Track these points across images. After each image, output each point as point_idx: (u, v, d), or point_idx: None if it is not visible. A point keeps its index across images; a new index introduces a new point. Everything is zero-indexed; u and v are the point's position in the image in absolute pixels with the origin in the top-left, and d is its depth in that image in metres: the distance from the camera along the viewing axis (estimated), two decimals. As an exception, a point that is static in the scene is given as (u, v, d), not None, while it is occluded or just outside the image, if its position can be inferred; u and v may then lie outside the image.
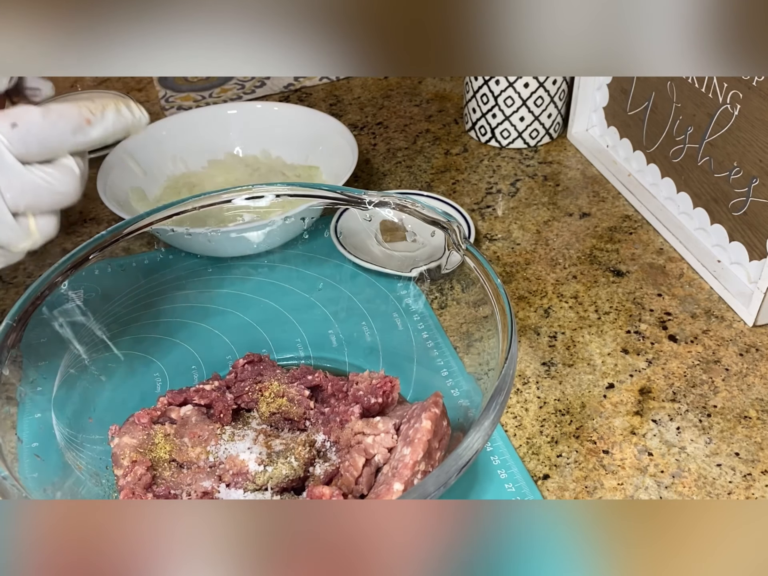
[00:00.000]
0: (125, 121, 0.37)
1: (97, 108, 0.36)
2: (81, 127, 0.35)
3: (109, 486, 0.48)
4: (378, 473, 0.46)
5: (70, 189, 0.36)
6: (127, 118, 0.37)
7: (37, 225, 0.37)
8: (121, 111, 0.37)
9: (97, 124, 0.36)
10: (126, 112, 0.37)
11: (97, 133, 0.36)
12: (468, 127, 0.89)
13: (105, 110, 0.36)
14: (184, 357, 0.57)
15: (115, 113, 0.37)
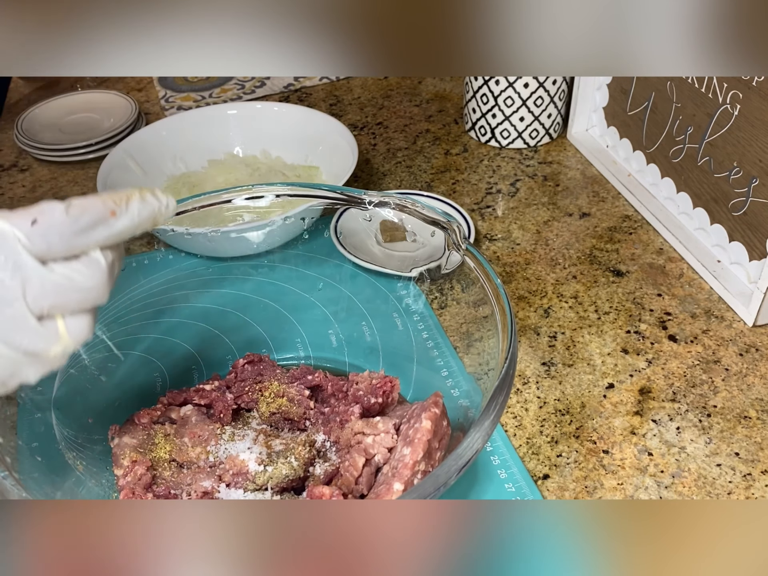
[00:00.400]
0: (151, 208, 0.36)
1: (121, 198, 0.35)
2: (106, 220, 0.34)
3: (109, 486, 0.48)
4: (378, 473, 0.46)
5: (97, 283, 0.34)
6: (153, 205, 0.36)
7: (67, 327, 0.34)
8: (146, 199, 0.36)
9: (123, 215, 0.35)
10: (151, 200, 0.36)
11: (124, 224, 0.35)
12: (468, 127, 0.89)
13: (130, 200, 0.35)
14: (184, 357, 0.57)
15: (140, 202, 0.35)
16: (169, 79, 1.07)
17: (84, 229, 0.33)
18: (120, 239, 0.35)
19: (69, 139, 0.89)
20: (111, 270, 0.35)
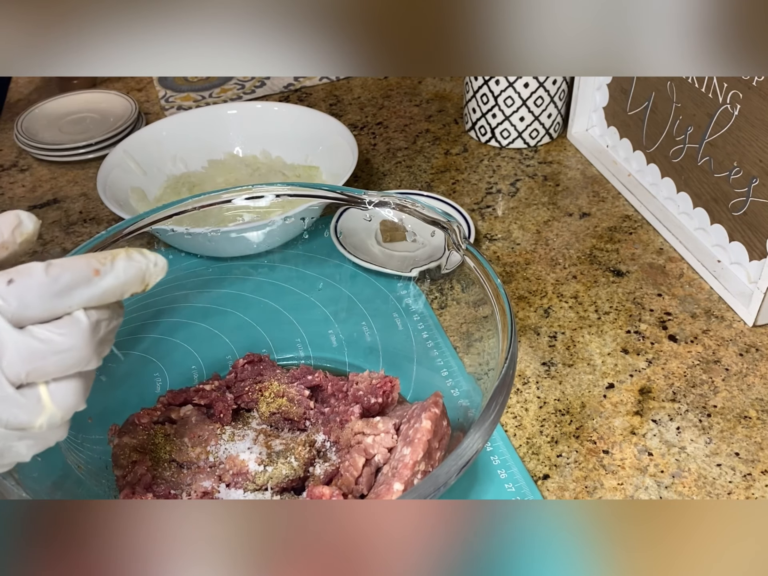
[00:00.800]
0: (138, 266, 0.34)
1: (105, 257, 0.33)
2: (89, 279, 0.32)
3: (109, 486, 0.48)
4: (378, 473, 0.46)
5: (76, 344, 0.32)
6: (140, 263, 0.34)
7: (51, 394, 0.32)
8: (133, 257, 0.34)
9: (107, 274, 0.33)
10: (139, 258, 0.34)
11: (108, 283, 0.33)
12: (468, 127, 0.89)
13: (115, 259, 0.34)
14: (184, 357, 0.57)
15: (126, 260, 0.34)
16: (169, 79, 1.07)
17: (64, 289, 0.32)
18: (105, 300, 0.34)
19: (69, 139, 0.89)
20: (94, 330, 0.33)
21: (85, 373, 0.34)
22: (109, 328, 0.34)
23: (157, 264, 0.35)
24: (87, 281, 0.32)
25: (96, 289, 0.33)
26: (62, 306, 0.32)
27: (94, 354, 0.33)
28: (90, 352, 0.33)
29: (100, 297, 0.33)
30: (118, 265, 0.34)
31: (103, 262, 0.33)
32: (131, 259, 0.34)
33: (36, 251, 0.75)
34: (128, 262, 0.34)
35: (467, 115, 0.88)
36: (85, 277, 0.32)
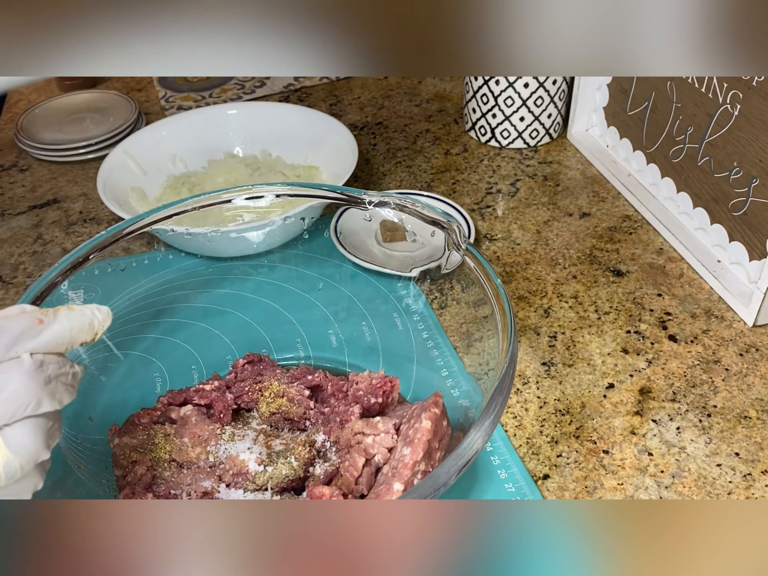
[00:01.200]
0: (81, 314, 0.36)
1: (47, 311, 0.35)
2: (32, 329, 0.34)
3: (109, 486, 0.48)
4: (378, 473, 0.46)
5: (20, 383, 0.32)
6: (84, 314, 0.36)
7: (4, 439, 0.32)
8: (75, 309, 0.36)
9: (50, 324, 0.34)
10: (81, 309, 0.36)
11: (54, 330, 0.34)
12: (468, 127, 0.89)
13: (57, 312, 0.35)
14: (184, 357, 0.57)
15: (68, 311, 0.35)
16: (169, 79, 1.07)
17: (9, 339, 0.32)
18: (53, 348, 0.34)
19: (69, 139, 0.89)
20: (38, 370, 0.33)
21: (43, 420, 0.34)
22: (60, 371, 0.35)
23: (100, 310, 0.37)
24: (30, 329, 0.34)
25: (41, 337, 0.34)
26: (8, 355, 0.33)
27: (43, 395, 0.33)
28: (36, 393, 0.33)
29: (46, 344, 0.34)
30: (61, 315, 0.35)
31: (46, 314, 0.35)
32: (73, 310, 0.36)
33: (36, 251, 0.75)
34: (70, 312, 0.35)
35: (467, 115, 0.88)
36: (27, 326, 0.34)
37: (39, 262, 0.73)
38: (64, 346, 0.35)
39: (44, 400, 0.33)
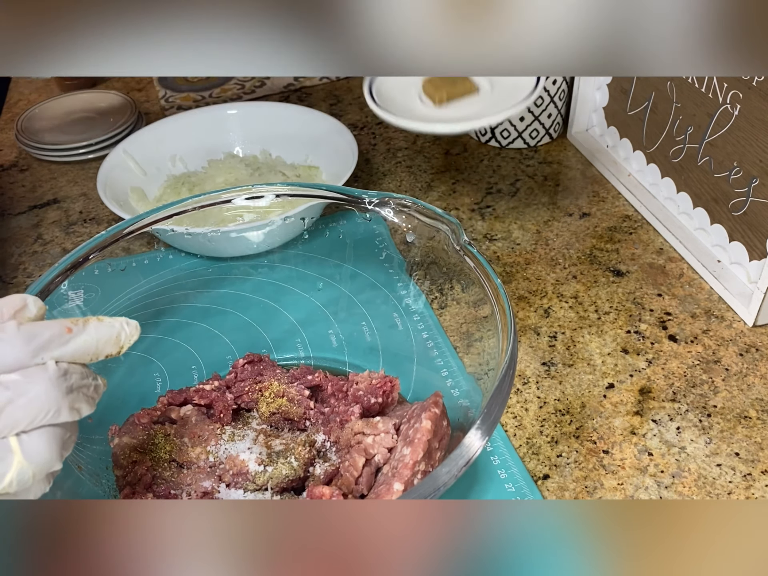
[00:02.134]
0: (110, 327, 0.36)
1: (78, 320, 0.35)
2: (60, 337, 0.34)
3: (109, 486, 0.48)
4: (378, 473, 0.46)
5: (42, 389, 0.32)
6: (113, 326, 0.36)
7: (21, 445, 0.32)
8: (104, 321, 0.36)
9: (80, 332, 0.35)
10: (111, 321, 0.36)
11: (81, 340, 0.34)
12: (468, 127, 0.89)
13: (87, 322, 0.35)
14: (184, 357, 0.57)
15: (97, 322, 0.36)
16: (169, 79, 1.07)
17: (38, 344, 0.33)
18: (78, 357, 0.35)
19: (69, 139, 0.89)
20: (62, 377, 0.33)
21: (61, 430, 0.34)
22: (82, 383, 0.35)
23: (129, 323, 0.37)
24: (59, 337, 0.34)
25: (67, 346, 0.34)
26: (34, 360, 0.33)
27: (63, 404, 0.33)
28: (57, 400, 0.33)
29: (73, 353, 0.34)
30: (90, 325, 0.35)
31: (76, 323, 0.35)
32: (102, 321, 0.36)
33: (36, 251, 0.75)
34: (99, 324, 0.36)
35: (467, 115, 0.88)
36: (57, 333, 0.34)
37: (39, 262, 0.73)
38: (89, 357, 0.35)
39: (64, 409, 0.33)
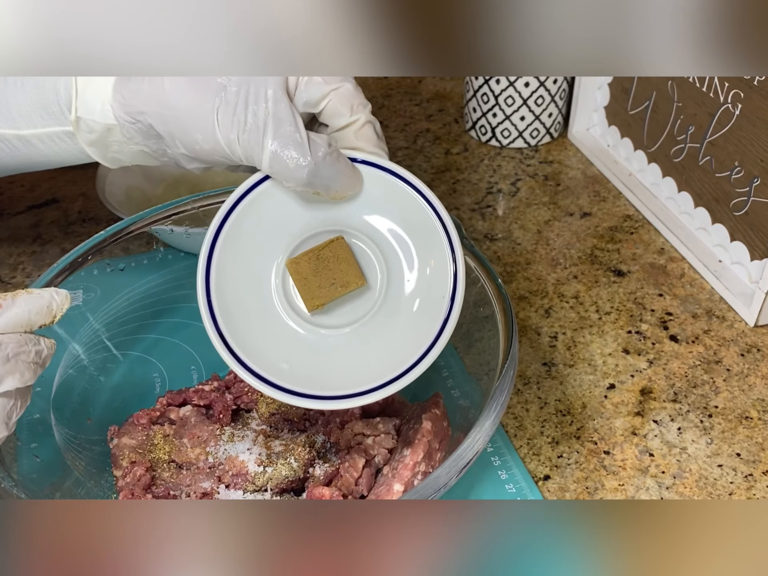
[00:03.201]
0: (41, 301, 0.37)
1: (6, 295, 0.36)
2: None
3: (108, 487, 0.48)
4: (378, 474, 0.46)
5: None
6: (43, 297, 0.37)
7: None
8: (33, 293, 0.37)
9: (9, 307, 0.36)
10: (41, 293, 0.37)
11: (10, 315, 0.36)
12: (468, 127, 0.89)
13: (16, 296, 0.36)
14: (184, 357, 0.57)
15: (26, 294, 0.37)
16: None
17: None
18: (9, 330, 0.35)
19: (69, 139, 0.89)
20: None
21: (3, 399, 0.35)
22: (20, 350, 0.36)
23: (59, 293, 0.38)
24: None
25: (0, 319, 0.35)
26: None
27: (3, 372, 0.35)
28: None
29: (5, 326, 0.35)
30: (19, 299, 0.36)
31: (5, 297, 0.36)
32: (31, 294, 0.37)
33: (35, 251, 0.75)
34: (29, 296, 0.37)
35: (468, 114, 0.88)
36: None
37: (38, 262, 0.73)
38: (23, 328, 0.36)
39: (5, 378, 0.35)
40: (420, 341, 0.42)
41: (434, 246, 0.42)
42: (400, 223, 0.43)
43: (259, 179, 0.44)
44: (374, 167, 0.43)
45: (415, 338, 0.42)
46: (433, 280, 0.42)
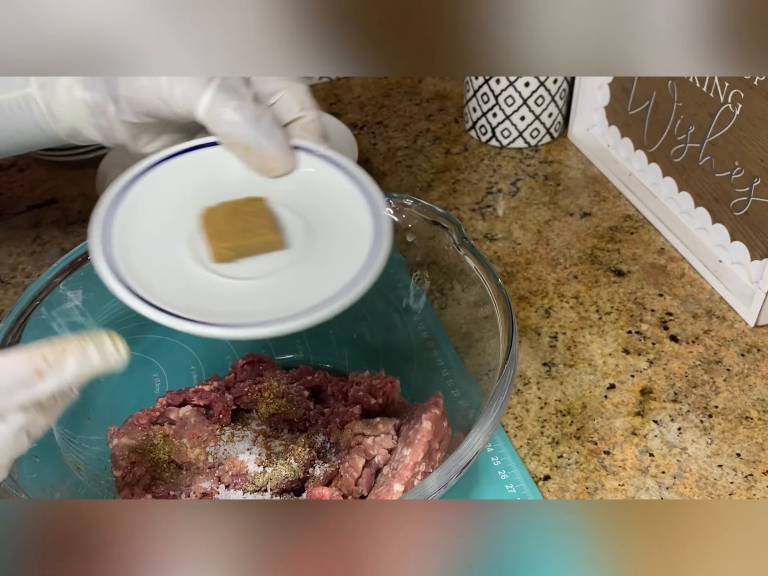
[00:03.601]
0: (92, 366, 0.30)
1: (55, 354, 0.29)
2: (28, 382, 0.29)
3: (108, 487, 0.48)
4: (378, 474, 0.46)
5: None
6: (93, 362, 0.30)
7: None
8: (88, 353, 0.30)
9: (52, 376, 0.29)
10: (93, 355, 0.30)
11: (50, 386, 0.29)
12: (468, 127, 0.89)
13: (65, 355, 0.30)
14: (183, 357, 0.57)
15: (79, 357, 0.30)
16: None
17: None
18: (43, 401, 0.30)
19: (68, 139, 0.89)
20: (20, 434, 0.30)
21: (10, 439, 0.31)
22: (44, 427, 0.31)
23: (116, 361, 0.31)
24: (25, 384, 0.29)
25: (35, 392, 0.29)
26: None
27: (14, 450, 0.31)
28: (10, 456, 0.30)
29: (35, 400, 0.30)
30: (68, 365, 0.30)
31: (51, 360, 0.29)
32: (86, 356, 0.30)
33: (34, 251, 0.75)
34: (81, 360, 0.30)
35: (468, 114, 0.88)
36: (23, 380, 0.29)
37: (38, 262, 0.73)
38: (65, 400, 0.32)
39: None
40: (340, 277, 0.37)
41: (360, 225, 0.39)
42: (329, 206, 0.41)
43: (206, 142, 0.42)
44: (311, 153, 0.42)
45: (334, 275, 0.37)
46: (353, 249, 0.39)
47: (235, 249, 0.38)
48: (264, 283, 0.37)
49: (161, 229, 0.39)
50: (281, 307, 0.36)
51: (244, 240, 0.37)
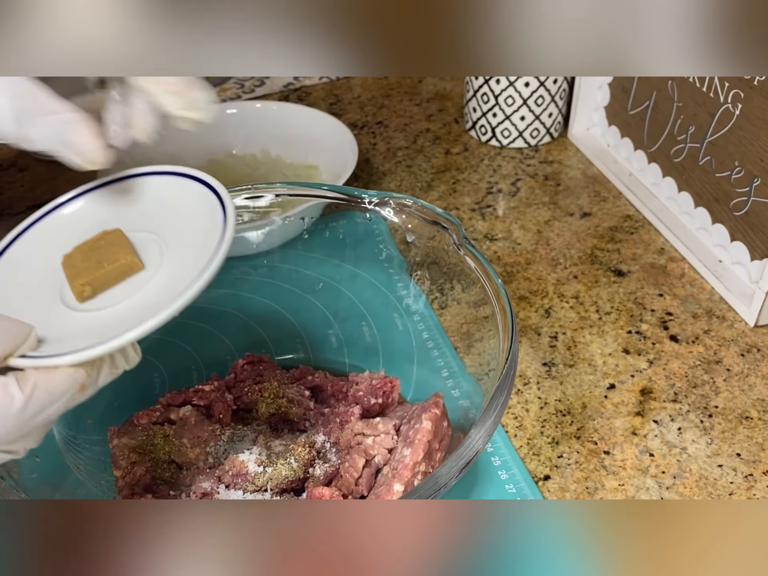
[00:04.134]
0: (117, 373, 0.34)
1: (93, 368, 0.32)
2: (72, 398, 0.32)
3: (108, 487, 0.48)
4: (378, 474, 0.46)
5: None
6: (119, 369, 0.34)
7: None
8: (116, 363, 0.34)
9: (89, 387, 0.32)
10: (121, 362, 0.34)
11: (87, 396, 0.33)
12: (468, 127, 0.89)
13: (101, 368, 0.33)
14: (184, 357, 0.57)
15: (110, 368, 0.33)
16: (169, 79, 1.06)
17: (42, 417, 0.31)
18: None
19: (68, 139, 0.88)
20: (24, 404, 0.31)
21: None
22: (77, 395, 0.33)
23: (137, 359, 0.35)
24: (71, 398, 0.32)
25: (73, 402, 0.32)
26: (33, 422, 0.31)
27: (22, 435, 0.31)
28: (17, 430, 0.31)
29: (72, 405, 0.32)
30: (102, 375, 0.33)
31: (91, 374, 0.32)
32: (114, 366, 0.34)
33: (35, 251, 0.75)
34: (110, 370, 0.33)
35: (468, 114, 0.88)
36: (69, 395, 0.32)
37: (38, 262, 0.73)
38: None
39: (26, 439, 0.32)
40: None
41: (210, 221, 0.40)
42: (177, 215, 0.41)
43: (54, 206, 0.42)
44: (152, 175, 0.43)
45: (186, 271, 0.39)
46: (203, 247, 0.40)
47: (91, 283, 0.38)
48: (127, 304, 0.38)
49: (33, 293, 0.39)
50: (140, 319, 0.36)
51: (98, 271, 0.38)
